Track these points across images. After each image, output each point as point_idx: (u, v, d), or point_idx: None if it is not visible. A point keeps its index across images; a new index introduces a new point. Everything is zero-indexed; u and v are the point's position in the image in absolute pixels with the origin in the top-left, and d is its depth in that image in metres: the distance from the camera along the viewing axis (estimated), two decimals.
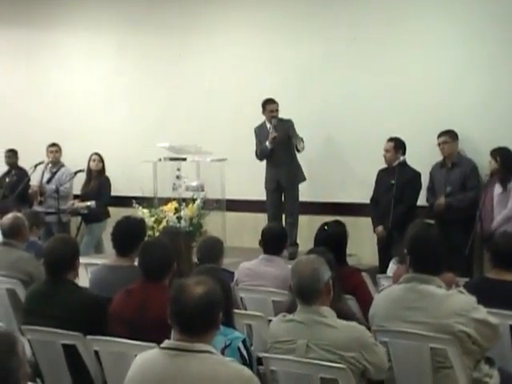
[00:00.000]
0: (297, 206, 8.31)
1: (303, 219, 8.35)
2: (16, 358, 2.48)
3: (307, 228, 7.78)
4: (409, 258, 3.94)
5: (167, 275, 4.18)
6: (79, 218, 9.47)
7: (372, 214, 7.87)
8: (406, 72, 8.25)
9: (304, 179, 8.37)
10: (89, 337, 3.98)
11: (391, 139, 7.75)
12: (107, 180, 9.40)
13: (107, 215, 9.23)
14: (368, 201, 7.93)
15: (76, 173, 9.40)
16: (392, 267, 5.53)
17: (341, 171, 8.60)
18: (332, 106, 8.66)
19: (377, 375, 3.60)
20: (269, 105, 8.32)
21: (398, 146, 7.73)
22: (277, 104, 8.32)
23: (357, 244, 7.44)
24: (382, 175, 7.85)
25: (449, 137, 7.68)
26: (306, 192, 8.65)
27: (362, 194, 8.03)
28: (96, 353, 4.00)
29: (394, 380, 3.86)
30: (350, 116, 8.54)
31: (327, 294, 3.65)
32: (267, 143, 8.25)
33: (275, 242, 5.36)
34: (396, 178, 7.60)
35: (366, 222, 7.91)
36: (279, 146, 8.24)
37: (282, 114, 8.44)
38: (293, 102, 8.73)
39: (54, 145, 9.74)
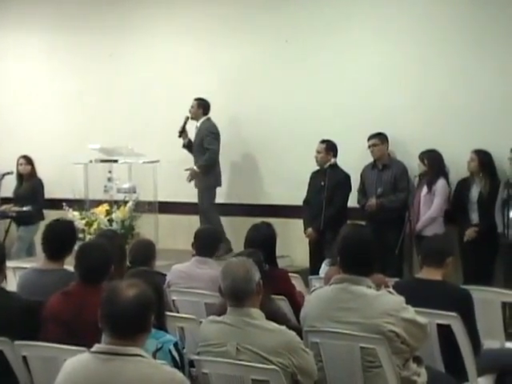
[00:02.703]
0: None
1: (233, 221, 8.36)
2: None
3: (237, 230, 7.77)
4: (339, 259, 3.98)
5: (105, 278, 4.13)
6: (7, 221, 9.29)
7: (303, 216, 7.94)
8: (339, 74, 8.35)
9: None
10: (16, 342, 3.90)
11: (323, 141, 7.84)
12: (39, 183, 9.28)
13: (41, 218, 9.08)
14: (300, 202, 7.99)
15: (4, 175, 9.22)
16: (324, 268, 5.59)
17: (272, 172, 8.64)
18: (266, 107, 8.70)
19: (305, 381, 3.61)
20: None
21: (330, 148, 7.82)
22: (193, 102, 8.47)
23: (289, 245, 7.52)
24: (314, 177, 7.93)
25: (378, 139, 7.80)
26: (236, 193, 8.68)
27: (295, 196, 8.08)
28: (24, 358, 3.92)
29: (326, 380, 3.90)
30: (284, 117, 8.60)
31: (257, 295, 3.67)
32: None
33: (208, 243, 5.36)
34: (327, 180, 7.69)
35: (298, 223, 7.97)
36: (196, 149, 8.46)
37: (215, 114, 8.46)
38: (227, 102, 8.76)
39: None
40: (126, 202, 8.01)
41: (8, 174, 9.22)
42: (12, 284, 5.47)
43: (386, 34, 8.14)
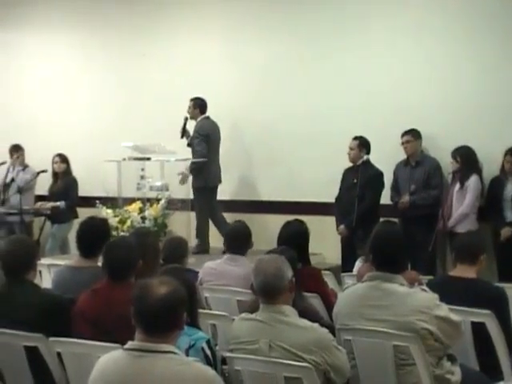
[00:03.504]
0: None
1: (268, 218, 8.36)
2: None
3: (271, 227, 7.77)
4: (372, 257, 3.96)
5: (132, 274, 4.16)
6: (42, 219, 9.38)
7: (335, 213, 7.91)
8: (371, 71, 8.30)
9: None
10: (51, 338, 3.94)
11: (356, 138, 7.81)
12: (74, 180, 9.35)
13: (74, 216, 9.16)
14: (332, 199, 7.97)
15: (39, 173, 9.32)
16: (358, 265, 5.56)
17: (304, 170, 8.62)
18: (298, 105, 8.68)
19: (338, 379, 3.60)
20: None
21: (363, 144, 7.79)
22: (190, 103, 8.59)
23: (321, 243, 7.49)
24: (347, 174, 7.90)
25: (411, 136, 7.75)
26: (267, 190, 8.68)
27: (327, 193, 8.06)
28: (59, 354, 3.96)
29: (358, 377, 3.89)
30: (317, 115, 8.57)
31: (290, 293, 3.66)
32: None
33: (239, 241, 5.36)
34: (359, 177, 7.66)
35: (331, 220, 7.95)
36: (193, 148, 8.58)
37: (242, 113, 8.47)
38: (251, 100, 8.78)
39: (16, 150, 9.64)
40: (158, 200, 8.03)
41: (43, 171, 9.30)
42: (47, 281, 5.55)
43: (417, 31, 8.08)
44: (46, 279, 5.83)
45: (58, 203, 9.16)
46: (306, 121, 8.64)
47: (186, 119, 8.66)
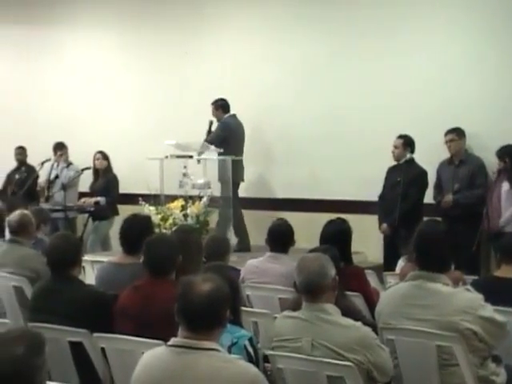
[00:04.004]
0: None
1: (306, 217, 8.36)
2: (43, 358, 2.54)
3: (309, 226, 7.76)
4: (415, 256, 3.93)
5: (172, 270, 4.20)
6: (86, 215, 9.48)
7: (378, 211, 7.87)
8: (414, 69, 8.26)
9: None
10: (95, 334, 3.99)
11: (401, 136, 7.76)
12: (114, 178, 9.43)
13: (115, 213, 9.25)
14: (375, 198, 7.93)
15: (83, 170, 9.42)
16: (400, 264, 5.53)
17: (348, 169, 8.59)
18: (339, 103, 8.67)
19: (381, 378, 3.59)
20: None
21: (407, 143, 7.74)
22: (211, 107, 8.73)
23: (363, 241, 7.45)
24: (390, 172, 7.86)
25: (456, 134, 7.68)
26: (314, 189, 8.66)
27: (370, 192, 8.02)
28: (103, 350, 4.00)
29: (401, 377, 3.86)
30: (358, 114, 8.55)
31: (333, 291, 3.66)
32: None
33: (281, 239, 5.35)
34: (403, 175, 7.61)
35: (373, 219, 7.91)
36: None
37: (284, 112, 8.46)
38: (293, 100, 8.76)
39: (60, 147, 9.75)
40: (200, 198, 8.06)
41: (86, 169, 9.40)
42: (90, 277, 5.61)
43: (459, 29, 8.04)
44: (89, 275, 5.90)
45: (99, 198, 9.25)
46: (349, 119, 8.62)
47: (211, 122, 8.75)
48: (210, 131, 8.73)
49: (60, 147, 9.80)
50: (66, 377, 4.00)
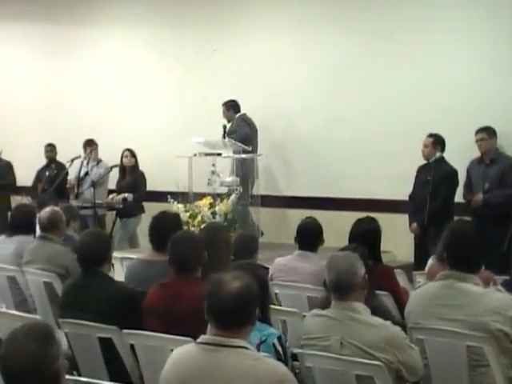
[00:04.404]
0: None
1: (335, 215, 8.34)
2: (56, 346, 2.55)
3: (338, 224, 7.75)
4: (446, 255, 3.91)
5: (198, 267, 4.20)
6: (114, 213, 9.53)
7: (408, 210, 7.83)
8: (445, 68, 8.22)
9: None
10: (125, 330, 4.01)
11: (431, 135, 7.71)
12: (142, 175, 9.46)
13: (142, 210, 9.30)
14: (405, 197, 7.89)
15: (112, 167, 9.47)
16: (430, 264, 5.49)
17: (377, 167, 8.56)
18: (368, 102, 8.65)
19: (410, 377, 3.57)
20: None
21: (437, 142, 7.68)
22: (222, 108, 8.93)
23: (392, 240, 7.40)
24: (420, 171, 7.81)
25: (486, 133, 7.61)
26: (343, 188, 8.64)
27: (399, 191, 7.99)
28: (132, 346, 4.02)
29: (430, 377, 3.84)
30: (388, 112, 8.53)
31: (362, 290, 3.64)
32: None
33: (311, 238, 5.34)
34: (432, 174, 7.56)
35: (402, 218, 7.88)
36: None
37: (312, 111, 8.46)
38: (324, 99, 8.78)
39: (90, 144, 9.82)
40: (228, 195, 8.07)
41: (116, 166, 9.45)
42: (119, 273, 5.64)
43: (491, 29, 7.95)
44: (118, 272, 5.92)
45: (126, 195, 9.29)
46: (378, 117, 8.59)
47: (225, 127, 8.80)
48: (224, 136, 8.76)
49: (90, 144, 9.86)
50: (96, 372, 4.03)
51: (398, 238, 7.71)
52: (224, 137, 8.69)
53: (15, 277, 5.61)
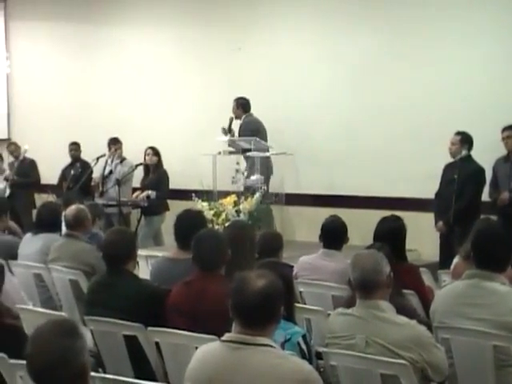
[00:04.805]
0: None
1: (360, 214, 8.32)
2: (81, 341, 2.58)
3: (362, 223, 7.74)
4: (472, 254, 3.89)
5: (222, 265, 4.21)
6: (139, 211, 9.57)
7: (434, 209, 7.79)
8: (470, 66, 8.17)
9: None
10: (150, 328, 4.02)
11: (458, 133, 7.65)
12: (165, 173, 9.49)
13: (166, 208, 9.32)
14: (430, 196, 7.85)
15: (137, 166, 9.51)
16: (455, 263, 5.45)
17: (403, 166, 8.53)
18: (395, 101, 8.62)
19: (435, 377, 3.55)
20: None
21: (465, 140, 7.62)
22: (233, 103, 8.95)
23: (417, 239, 7.38)
24: (447, 169, 7.75)
25: None
26: (367, 186, 8.62)
27: (425, 189, 7.95)
28: (157, 344, 4.03)
29: (456, 377, 3.82)
30: (415, 111, 8.49)
31: (387, 288, 3.63)
32: None
33: (335, 236, 5.33)
34: (458, 173, 7.50)
35: (427, 216, 7.83)
36: None
37: (339, 110, 8.43)
38: (352, 98, 8.76)
39: (114, 143, 9.86)
40: (253, 194, 8.08)
41: (140, 164, 9.50)
42: (144, 271, 5.66)
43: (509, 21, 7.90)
44: (143, 270, 5.94)
45: (149, 192, 9.32)
46: (403, 116, 8.57)
47: (232, 119, 8.89)
48: (230, 128, 8.81)
49: (114, 142, 9.90)
50: (121, 370, 4.04)
51: (423, 237, 7.68)
52: (229, 129, 8.80)
53: (41, 274, 5.65)
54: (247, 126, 8.75)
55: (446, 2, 8.35)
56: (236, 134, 8.91)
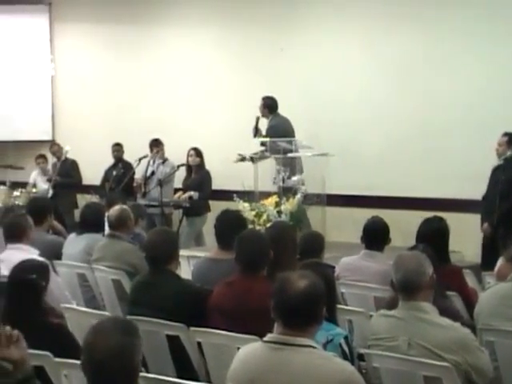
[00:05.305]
0: None
1: (402, 215, 8.25)
2: (139, 341, 2.65)
3: (405, 224, 7.68)
4: None
5: (264, 266, 4.21)
6: (181, 211, 9.62)
7: (481, 211, 7.69)
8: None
9: None
10: (192, 328, 4.04)
11: (506, 134, 7.55)
12: (207, 174, 9.52)
13: (208, 209, 9.35)
14: (475, 197, 7.77)
15: (179, 166, 9.56)
16: (499, 265, 5.38)
17: (446, 166, 8.45)
18: (441, 99, 8.54)
19: (479, 380, 3.50)
20: None
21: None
22: (260, 102, 8.84)
23: (460, 240, 7.31)
24: (495, 171, 7.63)
25: None
26: (408, 187, 8.56)
27: (470, 190, 7.87)
28: (199, 344, 4.05)
29: (501, 380, 3.77)
30: (460, 111, 8.41)
31: (430, 289, 3.61)
32: None
33: (377, 237, 5.30)
34: (503, 174, 7.40)
35: (471, 218, 7.75)
36: None
37: (381, 110, 8.41)
38: (394, 97, 8.73)
39: (156, 144, 9.92)
40: (294, 194, 8.07)
41: (182, 165, 9.54)
42: (185, 272, 5.69)
43: None
44: (184, 270, 5.97)
45: (192, 193, 9.36)
46: (449, 116, 8.48)
47: (258, 118, 8.84)
48: (256, 127, 8.79)
49: (156, 144, 9.97)
50: (163, 369, 4.07)
51: (466, 238, 7.59)
52: (256, 127, 8.78)
53: (85, 274, 5.71)
54: (277, 127, 8.72)
55: (487, 2, 8.24)
56: (263, 132, 8.88)
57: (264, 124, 8.94)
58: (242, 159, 8.62)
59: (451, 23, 8.48)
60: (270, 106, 8.88)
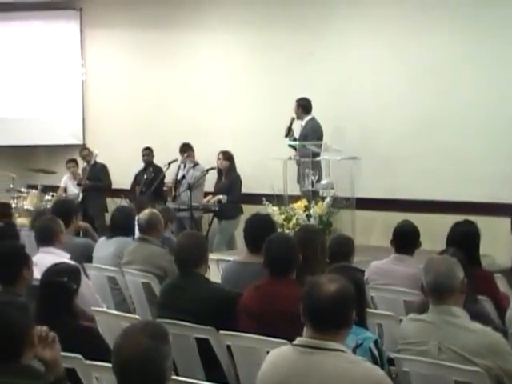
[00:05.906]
0: None
1: (432, 218, 8.20)
2: (169, 346, 2.67)
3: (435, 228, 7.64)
4: None
5: (293, 270, 4.21)
6: (211, 215, 9.65)
7: None
8: None
9: None
10: (221, 332, 4.05)
11: None
12: (237, 177, 9.54)
13: (240, 212, 9.35)
14: (503, 200, 7.71)
15: (208, 170, 9.60)
16: None
17: (477, 170, 8.39)
18: (471, 104, 8.49)
19: None
20: None
21: None
22: (295, 103, 8.92)
23: (491, 244, 7.25)
24: None
25: None
26: (439, 191, 8.50)
27: (499, 194, 7.81)
28: (228, 347, 4.06)
29: None
30: (491, 115, 8.37)
31: (461, 294, 3.58)
32: None
33: (407, 241, 5.27)
34: None
35: (502, 221, 7.68)
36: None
37: (412, 113, 8.34)
38: (426, 99, 8.67)
39: (186, 148, 9.96)
40: (323, 198, 8.05)
41: (212, 169, 9.58)
42: (215, 275, 5.70)
43: None
44: (214, 274, 5.99)
45: (221, 197, 9.38)
46: (475, 118, 8.42)
47: (293, 119, 8.92)
48: (290, 127, 8.85)
49: (186, 148, 10.01)
50: (193, 372, 4.09)
51: (497, 242, 7.54)
52: (290, 129, 8.85)
53: (115, 277, 5.75)
54: (313, 131, 8.72)
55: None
56: (296, 134, 8.89)
57: (297, 125, 8.93)
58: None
59: (486, 22, 8.41)
60: (304, 106, 8.93)
